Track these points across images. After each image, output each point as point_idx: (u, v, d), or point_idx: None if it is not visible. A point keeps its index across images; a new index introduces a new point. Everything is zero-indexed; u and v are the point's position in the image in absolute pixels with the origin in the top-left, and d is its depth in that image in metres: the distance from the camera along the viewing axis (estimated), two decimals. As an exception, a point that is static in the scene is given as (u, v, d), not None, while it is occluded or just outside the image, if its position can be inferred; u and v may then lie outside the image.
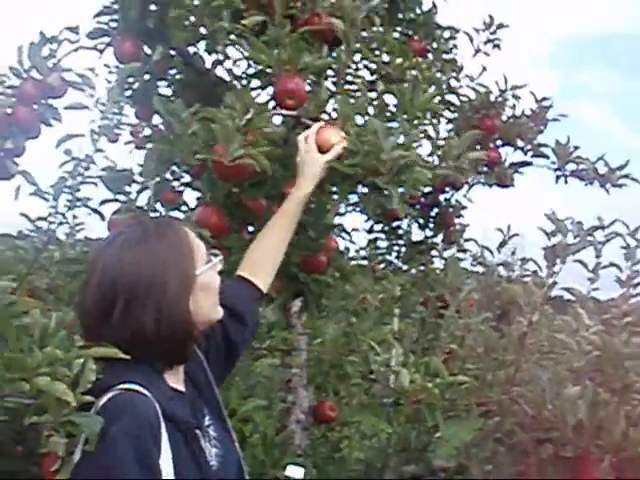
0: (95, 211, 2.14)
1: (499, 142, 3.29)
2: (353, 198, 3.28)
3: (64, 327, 1.23)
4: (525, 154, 3.28)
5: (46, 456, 1.21)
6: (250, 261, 1.81)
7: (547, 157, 3.21)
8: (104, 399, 1.28)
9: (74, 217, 2.84)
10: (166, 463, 1.30)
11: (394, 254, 3.72)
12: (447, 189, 3.56)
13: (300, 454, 2.83)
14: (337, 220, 2.74)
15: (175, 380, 1.46)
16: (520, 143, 3.26)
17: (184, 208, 2.18)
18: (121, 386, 1.30)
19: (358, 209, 3.44)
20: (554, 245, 1.96)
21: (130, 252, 1.40)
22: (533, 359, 2.07)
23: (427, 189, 3.58)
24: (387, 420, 3.33)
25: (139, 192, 1.93)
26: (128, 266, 1.39)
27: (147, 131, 3.12)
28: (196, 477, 1.36)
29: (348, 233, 2.59)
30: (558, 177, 3.23)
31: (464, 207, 3.65)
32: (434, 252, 3.71)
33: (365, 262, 3.70)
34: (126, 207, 1.90)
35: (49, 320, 1.16)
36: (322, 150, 1.94)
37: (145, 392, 1.31)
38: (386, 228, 3.69)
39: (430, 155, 2.17)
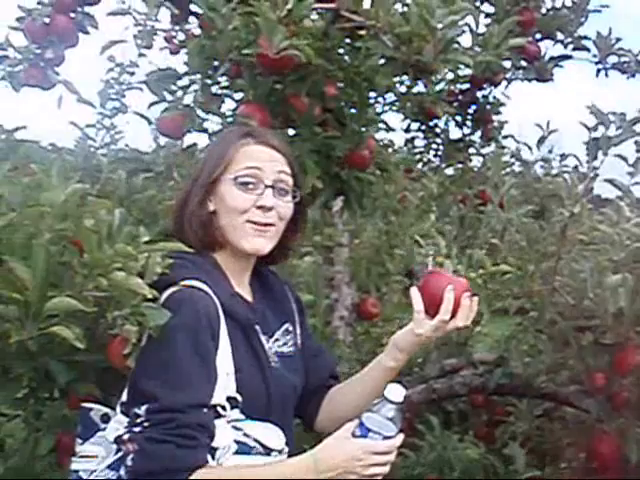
0: (142, 116, 2.17)
1: (538, 35, 3.23)
2: (390, 97, 3.27)
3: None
4: (565, 47, 3.22)
5: (114, 339, 1.29)
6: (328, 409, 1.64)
7: (588, 50, 3.15)
8: (166, 294, 1.36)
9: (113, 126, 2.89)
10: (226, 355, 1.38)
11: (432, 152, 3.73)
12: (485, 85, 3.52)
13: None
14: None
15: (241, 288, 1.52)
16: (560, 36, 3.19)
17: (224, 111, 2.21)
18: (183, 282, 1.37)
19: (395, 109, 3.43)
20: (596, 138, 1.96)
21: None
22: (574, 250, 2.10)
23: (465, 86, 3.55)
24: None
25: (184, 90, 1.95)
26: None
27: (181, 36, 3.12)
28: (255, 368, 1.44)
29: (390, 127, 2.59)
30: (599, 70, 3.17)
31: (502, 104, 3.62)
32: (472, 150, 3.71)
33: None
34: (174, 105, 1.93)
35: (113, 217, 1.22)
36: (430, 305, 1.47)
37: (206, 289, 1.38)
38: (423, 127, 3.68)
39: (471, 48, 2.16)
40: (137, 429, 1.30)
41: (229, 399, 1.38)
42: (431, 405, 3.12)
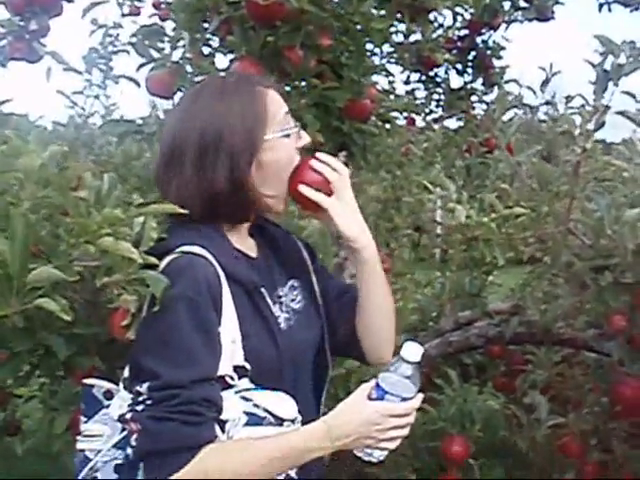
0: (130, 79, 2.10)
1: (537, -28, 3.14)
2: (388, 49, 3.18)
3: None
4: (566, -18, 3.14)
5: (115, 311, 1.24)
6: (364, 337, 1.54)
7: (589, -17, 3.06)
8: (164, 263, 1.28)
9: (107, 97, 2.81)
10: (231, 322, 1.31)
11: (434, 103, 3.65)
12: (483, 30, 3.44)
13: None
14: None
15: (243, 245, 1.43)
16: (559, -29, 3.10)
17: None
18: (180, 249, 1.29)
19: (393, 60, 3.34)
20: (606, 70, 1.86)
21: (204, 106, 1.36)
22: (588, 188, 2.02)
23: (463, 32, 3.46)
24: (439, 268, 3.35)
25: (173, 47, 1.89)
26: (199, 120, 1.34)
27: None
28: (262, 332, 1.38)
29: (390, 73, 2.50)
30: (601, 5, 3.09)
31: (503, 48, 3.53)
32: (474, 97, 3.63)
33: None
34: (162, 63, 1.86)
35: (101, 182, 1.16)
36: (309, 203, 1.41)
37: (205, 254, 1.30)
38: (424, 77, 3.60)
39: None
40: (139, 407, 1.24)
41: (236, 368, 1.31)
42: (448, 358, 3.08)
